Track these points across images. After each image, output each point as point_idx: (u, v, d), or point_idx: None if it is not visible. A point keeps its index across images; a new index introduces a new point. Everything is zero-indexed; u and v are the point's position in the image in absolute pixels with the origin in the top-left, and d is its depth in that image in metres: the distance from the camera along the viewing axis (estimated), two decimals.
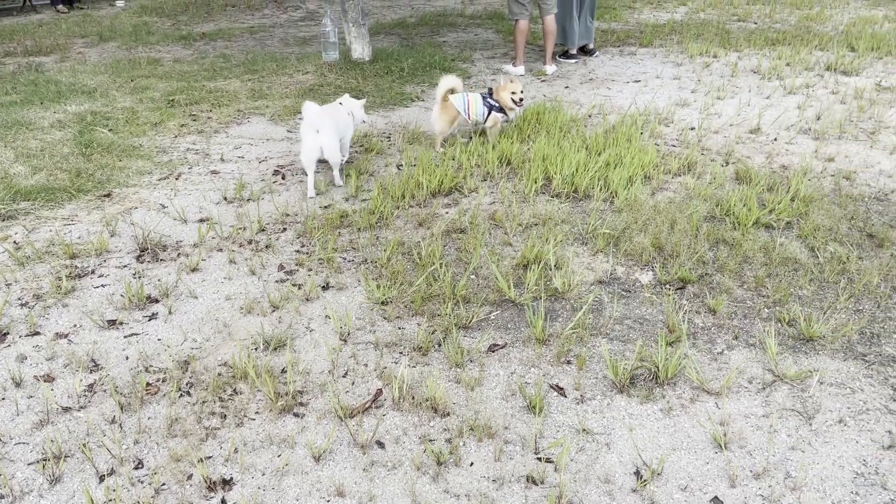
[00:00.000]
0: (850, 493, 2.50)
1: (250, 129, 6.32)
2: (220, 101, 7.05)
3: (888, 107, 6.55)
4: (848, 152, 5.52)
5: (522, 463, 2.67)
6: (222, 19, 12.43)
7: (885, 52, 8.62)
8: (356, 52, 8.39)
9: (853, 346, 3.26)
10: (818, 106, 6.66)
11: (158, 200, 4.83)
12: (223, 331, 3.42)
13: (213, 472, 2.61)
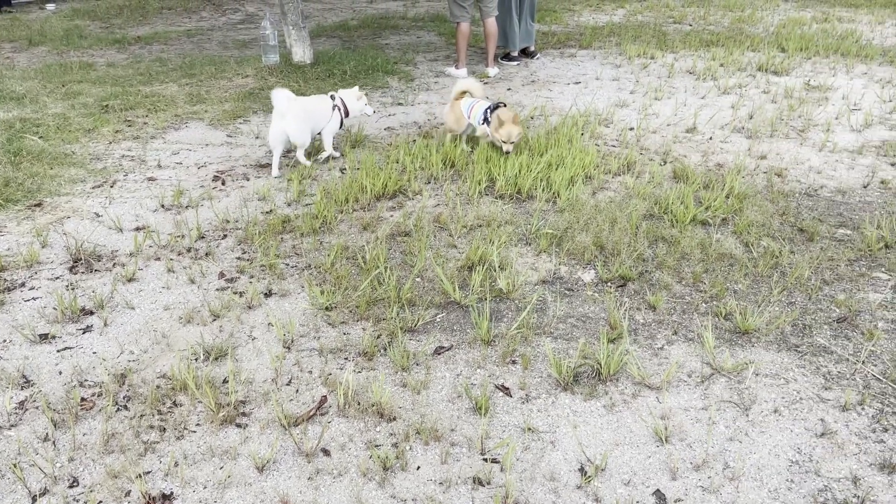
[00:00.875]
0: (786, 481, 2.58)
1: (188, 134, 6.19)
2: (157, 106, 6.88)
3: (816, 105, 6.81)
4: (779, 150, 5.71)
5: (469, 464, 2.67)
6: (158, 22, 12.14)
7: (813, 53, 8.95)
8: (297, 54, 8.29)
9: (786, 337, 3.36)
10: (751, 105, 6.87)
11: (92, 209, 4.69)
12: (161, 342, 3.33)
13: (152, 487, 2.54)
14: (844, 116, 6.48)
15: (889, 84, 7.54)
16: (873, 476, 2.58)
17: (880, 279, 3.82)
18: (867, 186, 5.01)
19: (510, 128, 5.15)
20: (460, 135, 5.68)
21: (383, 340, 3.35)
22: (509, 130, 5.16)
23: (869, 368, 3.14)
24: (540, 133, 5.76)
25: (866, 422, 2.84)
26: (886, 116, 6.49)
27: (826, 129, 6.09)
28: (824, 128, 6.15)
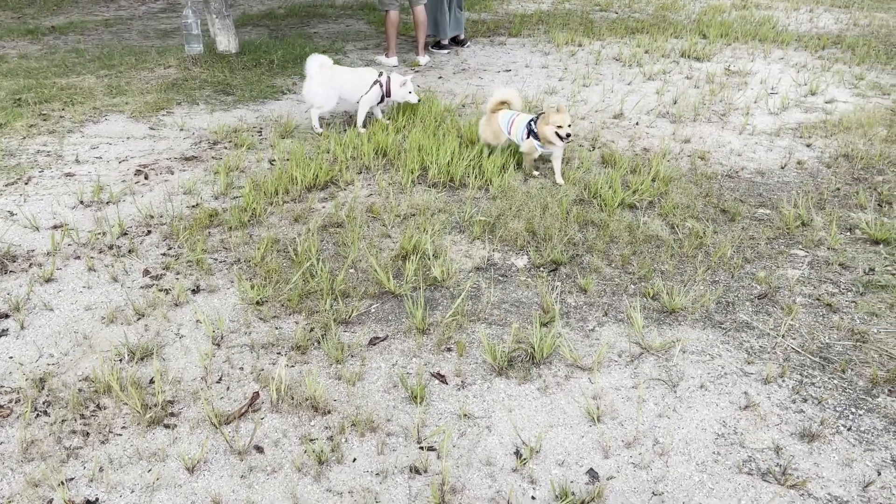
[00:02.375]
0: (713, 454, 2.66)
1: (108, 127, 5.95)
2: (74, 99, 6.60)
3: (736, 90, 7.03)
4: (702, 133, 5.87)
5: (405, 454, 2.67)
6: (74, 11, 11.63)
7: (733, 39, 9.24)
8: (221, 44, 8.08)
9: (711, 315, 3.47)
10: (675, 91, 7.04)
11: (6, 207, 4.46)
12: (83, 343, 3.20)
13: (76, 494, 2.45)
14: (763, 100, 6.71)
15: (804, 68, 7.85)
16: (794, 445, 2.69)
17: (798, 256, 3.98)
18: (784, 167, 5.21)
19: (562, 115, 4.67)
20: (495, 147, 5.24)
21: (317, 333, 3.31)
22: (561, 117, 4.66)
23: (788, 342, 3.27)
24: (472, 121, 5.76)
25: (787, 393, 2.96)
26: (802, 99, 6.75)
27: (746, 113, 6.29)
28: (744, 111, 6.36)
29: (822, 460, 2.62)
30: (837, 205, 4.57)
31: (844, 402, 2.91)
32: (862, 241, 4.11)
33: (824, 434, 2.73)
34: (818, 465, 2.60)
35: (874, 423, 2.79)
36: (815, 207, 4.51)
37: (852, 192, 4.73)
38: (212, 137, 5.72)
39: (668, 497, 2.48)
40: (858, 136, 5.69)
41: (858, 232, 4.20)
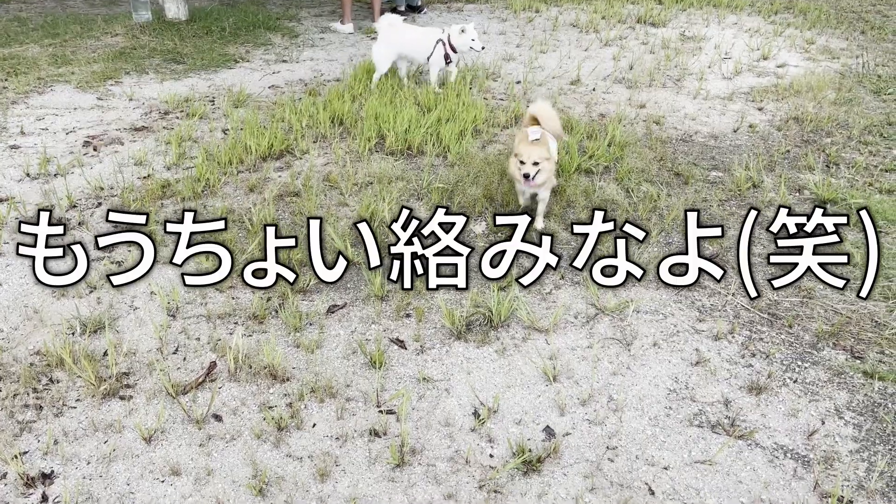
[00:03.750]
0: (665, 409, 2.74)
1: (54, 98, 5.77)
2: (17, 69, 6.37)
3: (691, 55, 7.09)
4: (657, 99, 5.92)
5: (365, 418, 2.69)
6: None
7: (688, 5, 9.28)
8: (170, 11, 7.86)
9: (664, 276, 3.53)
10: (631, 56, 7.08)
11: None
12: (33, 318, 3.14)
13: (30, 467, 2.42)
14: (716, 65, 6.79)
15: (757, 33, 7.94)
16: (743, 398, 2.78)
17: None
18: (737, 131, 5.30)
19: (528, 148, 3.65)
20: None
21: (274, 303, 3.29)
22: (529, 149, 3.64)
23: (738, 300, 3.35)
24: (428, 88, 5.72)
25: (736, 349, 3.04)
26: (754, 64, 6.84)
27: (700, 78, 6.36)
28: (698, 76, 6.42)
29: (769, 412, 2.71)
30: (787, 166, 4.67)
31: (791, 355, 3.00)
32: (810, 200, 4.22)
33: (771, 387, 2.82)
34: (765, 417, 2.69)
35: (819, 375, 2.89)
36: (766, 169, 4.61)
37: (801, 154, 4.83)
38: (162, 107, 5.59)
39: (621, 451, 2.55)
40: (808, 99, 5.80)
41: (807, 192, 4.31)
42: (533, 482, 2.42)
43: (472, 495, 2.37)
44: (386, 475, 2.45)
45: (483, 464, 2.49)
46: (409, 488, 2.40)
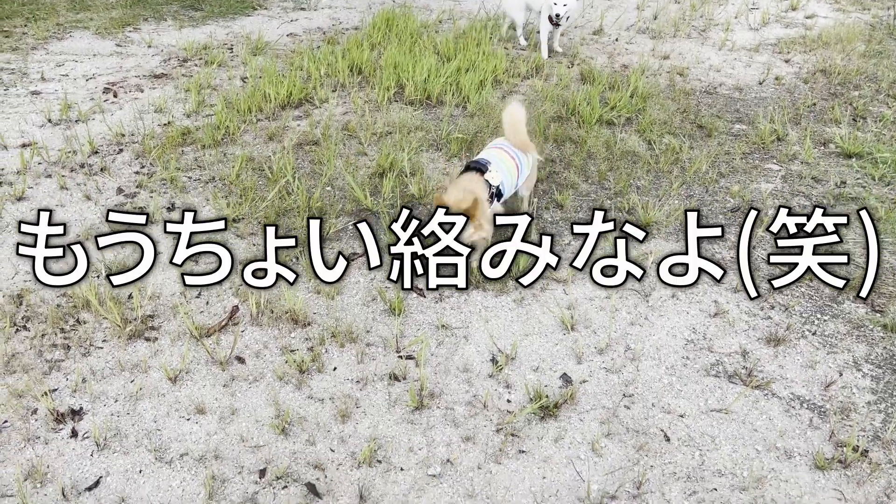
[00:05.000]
0: (682, 358, 2.76)
1: (73, 44, 5.75)
2: (36, 15, 6.34)
3: (717, 5, 6.92)
4: (682, 49, 5.81)
5: (385, 363, 2.73)
6: None
7: None
8: None
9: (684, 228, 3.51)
10: (655, 6, 6.92)
11: None
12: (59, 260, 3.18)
13: (59, 404, 2.49)
14: (743, 15, 6.62)
15: None
16: (760, 349, 2.79)
17: (772, 170, 4.02)
18: (762, 83, 5.20)
19: (454, 192, 2.96)
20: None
21: (295, 250, 3.31)
22: (456, 195, 2.94)
23: (759, 253, 3.34)
24: (448, 38, 5.64)
25: (756, 301, 3.04)
26: (782, 14, 6.67)
27: (726, 29, 6.22)
28: (724, 27, 6.28)
29: (786, 363, 2.72)
30: (813, 120, 4.59)
31: (811, 308, 3.00)
32: (835, 154, 4.16)
33: (790, 339, 2.82)
34: (783, 368, 2.70)
35: (838, 328, 2.89)
36: (791, 122, 4.53)
37: (828, 107, 4.74)
38: (181, 54, 5.56)
39: (637, 398, 2.57)
40: (837, 51, 5.66)
41: (832, 146, 4.24)
42: (549, 427, 2.46)
43: (490, 438, 2.42)
44: (405, 417, 2.50)
45: (500, 408, 2.53)
46: (428, 430, 2.45)
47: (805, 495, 2.22)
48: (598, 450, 2.38)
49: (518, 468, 2.32)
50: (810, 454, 2.35)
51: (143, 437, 2.39)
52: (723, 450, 2.37)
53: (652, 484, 2.26)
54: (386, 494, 2.23)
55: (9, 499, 2.16)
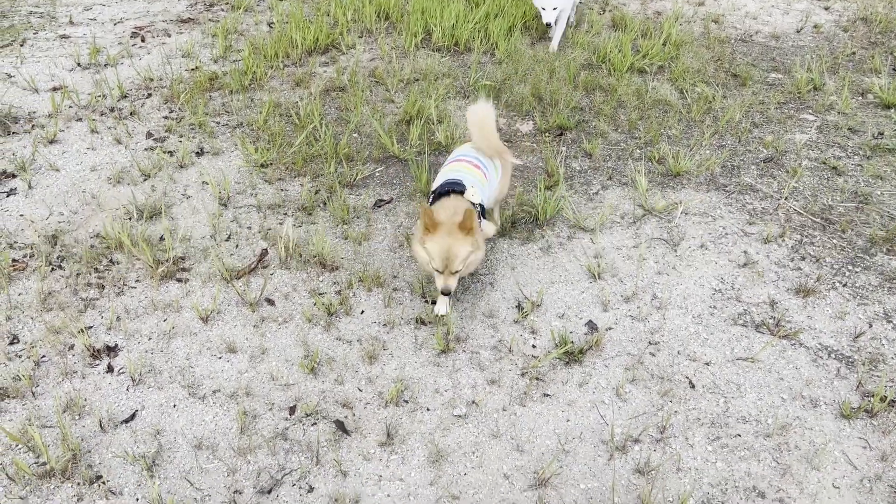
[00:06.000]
0: (709, 307, 2.75)
1: None
2: None
3: None
4: None
5: (411, 307, 2.76)
6: None
7: None
8: None
9: (715, 178, 3.47)
10: None
11: (3, 69, 4.37)
12: (91, 202, 3.23)
13: (95, 340, 2.55)
14: None
15: None
16: (789, 300, 2.77)
17: (807, 120, 3.93)
18: (800, 31, 5.04)
19: (438, 241, 2.47)
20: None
21: (322, 195, 3.33)
22: (446, 212, 2.54)
23: (791, 204, 3.28)
24: None
25: (786, 252, 3.00)
26: None
27: None
28: None
29: (815, 314, 2.70)
30: (851, 69, 4.46)
31: (842, 260, 2.96)
32: (873, 105, 4.04)
33: (820, 290, 2.80)
34: (811, 318, 2.68)
35: (870, 280, 2.85)
36: (829, 72, 4.40)
37: (868, 57, 4.60)
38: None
39: (663, 346, 2.58)
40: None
41: (871, 96, 4.12)
42: (574, 372, 2.48)
43: (515, 381, 2.44)
44: (431, 360, 2.53)
45: (525, 353, 2.55)
46: (454, 373, 2.48)
47: (830, 443, 2.23)
48: (622, 395, 2.40)
49: (542, 411, 2.35)
50: (836, 403, 2.35)
51: (177, 374, 2.45)
52: (748, 397, 2.38)
53: (675, 429, 2.28)
54: (412, 433, 2.28)
55: (49, 429, 2.24)
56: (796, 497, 2.09)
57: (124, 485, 2.11)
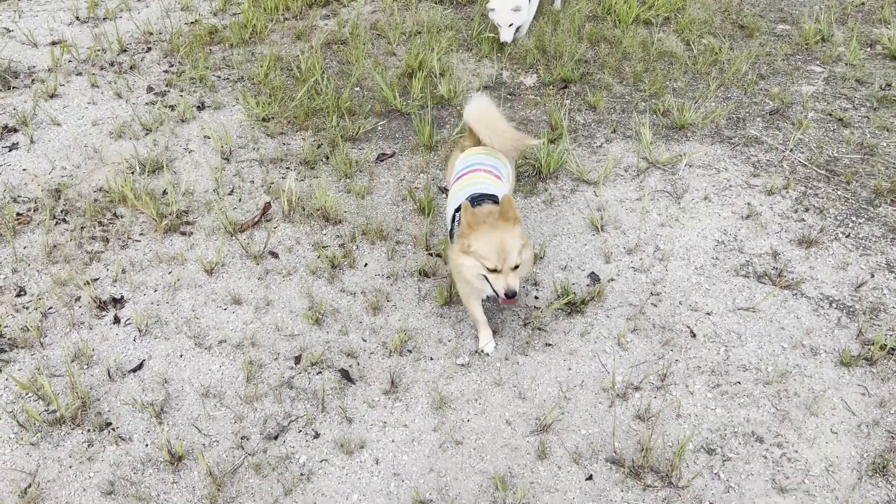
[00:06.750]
0: (712, 259, 2.75)
1: None
2: None
3: None
4: None
5: (414, 260, 2.77)
6: None
7: None
8: None
9: (720, 130, 3.44)
10: None
11: (1, 24, 4.33)
12: (94, 157, 3.23)
13: (101, 292, 2.58)
14: None
15: None
16: (792, 250, 2.77)
17: (814, 72, 3.88)
18: None
19: (486, 237, 2.15)
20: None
21: (324, 149, 3.31)
22: (489, 241, 2.15)
23: (796, 155, 3.26)
24: None
25: (790, 204, 2.99)
26: None
27: None
28: None
29: (817, 264, 2.70)
30: (860, 20, 4.38)
31: (846, 211, 2.95)
32: (882, 56, 3.98)
33: (823, 240, 2.80)
34: (813, 269, 2.68)
35: (873, 231, 2.85)
36: (837, 22, 4.33)
37: (877, 7, 4.51)
38: None
39: (665, 296, 2.59)
40: None
41: (879, 47, 4.06)
42: (576, 322, 2.50)
43: (517, 332, 2.47)
44: (435, 311, 2.55)
45: (528, 304, 2.57)
46: (457, 324, 2.50)
47: (829, 389, 2.26)
48: (623, 344, 2.42)
49: (544, 360, 2.37)
50: (836, 351, 2.37)
51: (183, 325, 2.48)
52: (748, 346, 2.40)
53: (676, 377, 2.31)
54: (416, 381, 2.31)
55: (58, 378, 2.28)
56: (794, 442, 2.12)
57: (133, 431, 2.15)
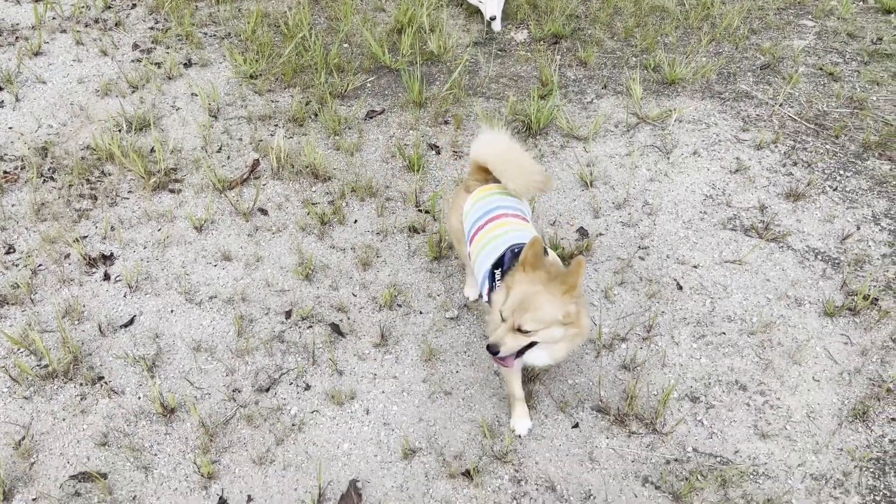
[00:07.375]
0: (699, 213, 2.77)
1: None
2: None
3: None
4: None
5: (404, 216, 2.77)
6: None
7: None
8: None
9: (711, 85, 3.43)
10: None
11: None
12: (80, 114, 3.20)
13: (91, 249, 2.58)
14: None
15: None
16: (779, 204, 2.79)
17: (806, 26, 3.85)
18: None
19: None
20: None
21: (313, 106, 3.29)
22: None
23: (785, 110, 3.26)
24: None
25: (778, 158, 3.00)
26: None
27: None
28: None
29: (804, 217, 2.72)
30: None
31: (834, 165, 2.96)
32: (874, 10, 3.96)
33: (810, 194, 2.81)
34: (800, 222, 2.70)
35: (860, 184, 2.86)
36: None
37: None
38: None
39: (652, 250, 2.61)
40: None
41: (871, 1, 4.03)
42: None
43: None
44: (424, 266, 2.57)
45: None
46: (447, 278, 2.52)
47: (812, 339, 2.29)
48: (610, 297, 2.44)
49: None
50: (820, 302, 2.40)
51: (173, 281, 2.49)
52: (734, 298, 2.43)
53: (662, 328, 2.34)
54: (406, 334, 2.33)
55: (49, 333, 2.30)
56: (777, 389, 2.16)
57: (126, 385, 2.18)
